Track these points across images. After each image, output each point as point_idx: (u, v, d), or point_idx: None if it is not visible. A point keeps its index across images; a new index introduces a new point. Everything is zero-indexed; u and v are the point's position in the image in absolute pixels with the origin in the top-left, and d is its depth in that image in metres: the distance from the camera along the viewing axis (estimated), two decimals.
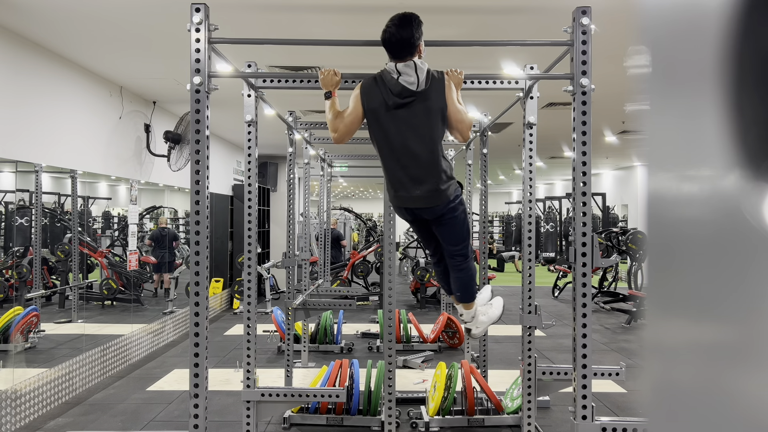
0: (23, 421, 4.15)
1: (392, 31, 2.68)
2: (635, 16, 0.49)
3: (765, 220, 0.36)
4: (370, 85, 2.74)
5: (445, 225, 2.84)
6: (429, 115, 2.68)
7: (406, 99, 2.66)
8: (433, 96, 2.67)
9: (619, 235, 9.46)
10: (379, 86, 2.70)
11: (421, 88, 2.65)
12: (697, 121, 0.43)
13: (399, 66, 2.67)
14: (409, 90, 2.64)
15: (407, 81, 2.65)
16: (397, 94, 2.65)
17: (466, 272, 2.99)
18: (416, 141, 2.68)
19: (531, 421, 3.18)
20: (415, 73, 2.66)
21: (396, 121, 2.68)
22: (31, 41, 4.45)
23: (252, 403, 3.17)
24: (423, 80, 2.66)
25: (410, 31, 2.69)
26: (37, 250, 4.79)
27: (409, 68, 2.66)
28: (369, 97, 2.71)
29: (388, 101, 2.66)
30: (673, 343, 0.46)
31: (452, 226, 2.85)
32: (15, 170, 4.53)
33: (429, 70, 2.71)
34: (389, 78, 2.68)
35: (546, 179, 21.18)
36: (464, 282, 3.01)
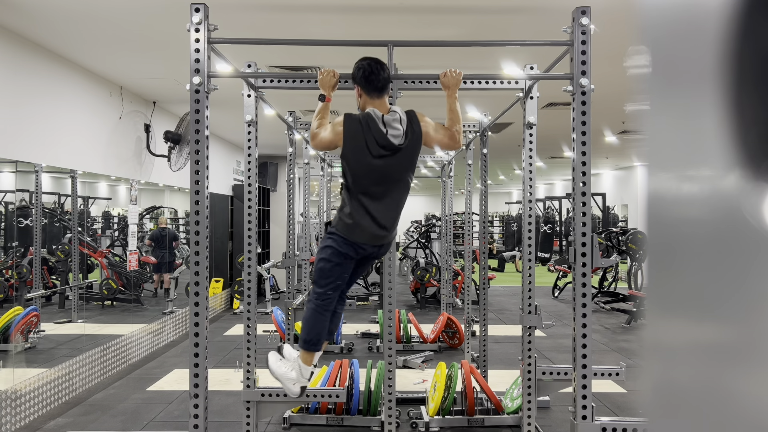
0: (23, 421, 4.15)
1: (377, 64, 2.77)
2: (635, 16, 0.49)
3: (765, 220, 0.36)
4: (355, 125, 2.74)
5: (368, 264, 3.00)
6: (407, 164, 2.79)
7: (389, 152, 2.74)
8: (413, 146, 2.78)
9: (619, 235, 9.47)
10: (364, 131, 2.72)
11: (404, 142, 2.74)
12: (697, 121, 0.43)
13: (386, 118, 2.73)
14: (393, 145, 2.72)
15: (394, 135, 2.73)
16: (382, 146, 2.72)
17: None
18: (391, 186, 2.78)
19: (531, 421, 3.18)
20: (400, 125, 2.74)
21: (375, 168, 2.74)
22: (31, 41, 4.45)
23: (252, 403, 3.17)
24: (406, 131, 2.75)
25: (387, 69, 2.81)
26: (37, 250, 4.79)
27: (396, 122, 2.74)
28: (352, 136, 2.73)
29: (372, 150, 2.72)
30: (673, 343, 0.46)
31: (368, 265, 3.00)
32: (15, 170, 4.53)
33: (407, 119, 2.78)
34: (376, 129, 2.71)
35: (546, 179, 21.18)
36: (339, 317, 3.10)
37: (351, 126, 2.72)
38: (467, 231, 5.89)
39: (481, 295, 4.68)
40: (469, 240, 5.83)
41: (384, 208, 2.76)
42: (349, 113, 2.79)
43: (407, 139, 2.73)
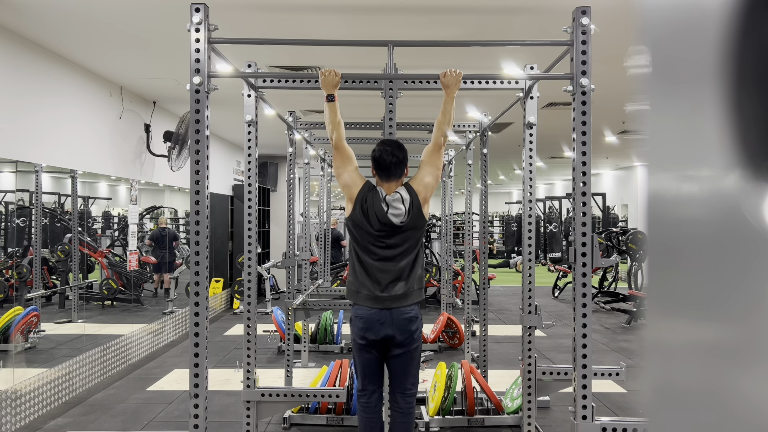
0: (23, 421, 4.15)
1: (389, 150, 2.83)
2: (635, 16, 0.49)
3: (765, 220, 0.36)
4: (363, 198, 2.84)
5: (405, 354, 2.83)
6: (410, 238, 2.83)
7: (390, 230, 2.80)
8: (415, 224, 2.83)
9: (619, 235, 9.47)
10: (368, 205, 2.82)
11: (405, 220, 2.80)
12: (697, 121, 0.43)
13: (388, 199, 2.81)
14: (394, 225, 2.79)
15: (394, 214, 2.80)
16: (383, 224, 2.79)
17: (413, 416, 2.93)
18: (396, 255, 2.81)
19: (531, 421, 3.18)
20: (402, 205, 2.81)
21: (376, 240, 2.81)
22: (31, 41, 4.45)
23: (252, 403, 3.17)
24: (407, 210, 2.81)
25: (403, 152, 2.86)
26: (37, 250, 4.79)
27: (398, 202, 2.81)
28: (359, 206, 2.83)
29: (373, 225, 2.80)
30: (673, 343, 0.46)
31: (411, 356, 2.86)
32: (15, 170, 4.53)
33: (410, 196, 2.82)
34: (378, 207, 2.80)
35: (546, 179, 21.18)
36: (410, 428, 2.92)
37: (362, 195, 2.84)
38: (467, 231, 5.89)
39: (481, 295, 4.68)
40: (469, 240, 5.83)
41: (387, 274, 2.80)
42: (368, 182, 2.91)
43: (409, 217, 2.80)
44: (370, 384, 2.90)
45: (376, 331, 2.77)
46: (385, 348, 2.83)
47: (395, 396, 2.90)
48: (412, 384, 2.91)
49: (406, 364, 2.86)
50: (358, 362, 2.90)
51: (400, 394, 2.89)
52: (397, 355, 2.83)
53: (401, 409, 2.89)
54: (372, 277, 2.80)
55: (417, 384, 2.95)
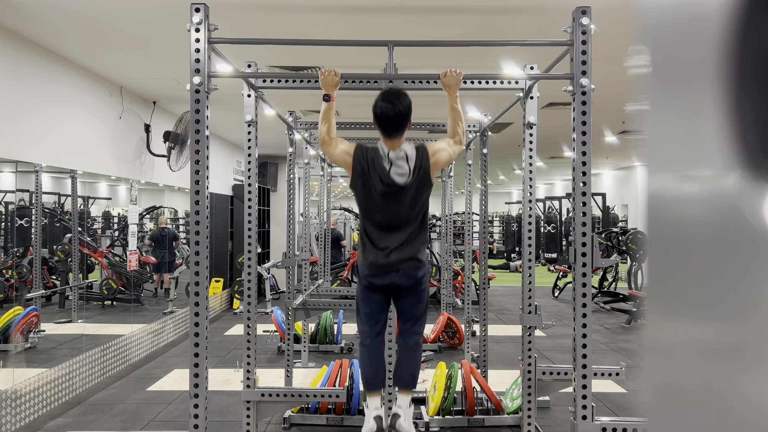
0: (23, 421, 4.15)
1: (388, 105, 2.70)
2: (635, 16, 0.49)
3: (765, 220, 0.36)
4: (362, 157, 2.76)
5: (412, 296, 2.84)
6: (413, 202, 2.77)
7: (394, 191, 2.73)
8: (421, 184, 2.75)
9: (619, 235, 9.47)
10: (368, 166, 2.74)
11: (409, 180, 2.72)
12: (697, 121, 0.43)
13: (391, 156, 2.71)
14: (398, 184, 2.71)
15: (398, 173, 2.71)
16: (386, 184, 2.71)
17: (419, 353, 2.95)
18: (400, 221, 2.76)
19: (531, 421, 3.18)
20: (406, 163, 2.71)
21: (382, 205, 2.75)
22: (31, 41, 4.45)
23: (252, 403, 3.17)
24: (412, 170, 2.72)
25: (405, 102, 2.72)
26: (37, 250, 4.79)
27: (401, 160, 2.71)
28: (359, 169, 2.76)
29: (376, 186, 2.72)
30: (673, 343, 0.46)
31: (419, 298, 2.86)
32: (15, 170, 4.53)
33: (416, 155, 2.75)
34: (380, 166, 2.71)
35: (546, 179, 21.18)
36: (416, 363, 2.93)
37: (358, 160, 2.75)
38: (467, 231, 5.89)
39: (481, 295, 4.68)
40: (469, 240, 5.84)
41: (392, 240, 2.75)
42: (360, 145, 2.81)
43: (413, 177, 2.71)
44: (375, 325, 2.88)
45: (382, 279, 2.77)
46: (391, 292, 2.84)
47: (402, 333, 2.92)
48: (420, 323, 2.91)
49: (413, 306, 2.86)
50: (362, 302, 2.88)
51: (407, 331, 2.90)
52: (404, 296, 2.84)
53: (408, 345, 2.91)
54: (377, 244, 2.75)
55: (424, 324, 2.95)
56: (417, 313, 2.87)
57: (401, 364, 2.91)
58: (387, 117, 2.69)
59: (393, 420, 2.78)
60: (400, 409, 2.79)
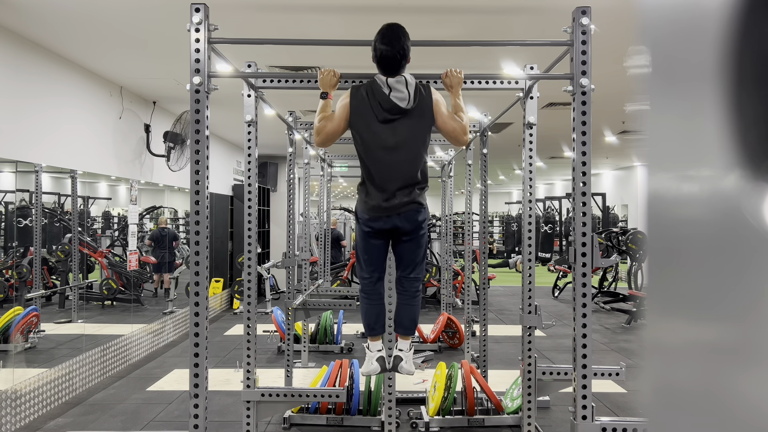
0: (23, 421, 4.15)
1: (387, 47, 2.69)
2: (635, 16, 0.49)
3: (765, 220, 0.36)
4: (359, 94, 2.74)
5: (412, 241, 2.83)
6: (416, 131, 2.73)
7: (396, 115, 2.70)
8: (421, 113, 2.73)
9: (619, 235, 9.47)
10: (368, 97, 2.71)
11: (410, 105, 2.69)
12: (697, 121, 0.43)
13: (390, 81, 2.69)
14: (399, 107, 2.68)
15: (398, 97, 2.68)
16: (387, 110, 2.69)
17: (419, 299, 2.96)
18: (401, 154, 2.72)
19: (531, 421, 3.18)
20: (406, 89, 2.69)
21: (383, 134, 2.71)
22: (31, 41, 4.45)
23: (252, 403, 3.17)
24: (413, 96, 2.70)
25: (404, 42, 2.72)
26: (37, 250, 4.79)
27: (401, 84, 2.69)
28: (357, 106, 2.73)
29: (378, 115, 2.69)
30: (673, 343, 0.46)
31: (418, 244, 2.86)
32: (15, 170, 4.53)
33: (417, 84, 2.74)
34: (380, 92, 2.70)
35: (546, 179, 21.18)
36: (416, 309, 2.94)
37: (357, 95, 2.73)
38: (467, 231, 5.89)
39: (481, 295, 4.68)
40: (469, 240, 5.84)
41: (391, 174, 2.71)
42: (354, 85, 2.80)
43: (415, 102, 2.69)
44: (375, 271, 2.89)
45: (383, 222, 2.76)
46: (391, 235, 2.84)
47: (401, 280, 2.92)
48: (419, 269, 2.91)
49: (413, 251, 2.86)
50: (362, 250, 2.88)
51: (406, 278, 2.90)
52: (404, 241, 2.83)
53: (407, 291, 2.91)
54: (378, 186, 2.72)
55: (423, 270, 2.96)
56: (416, 259, 2.88)
57: (401, 311, 2.94)
58: (386, 58, 2.69)
59: (395, 362, 2.86)
60: (401, 353, 2.87)
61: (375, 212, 2.75)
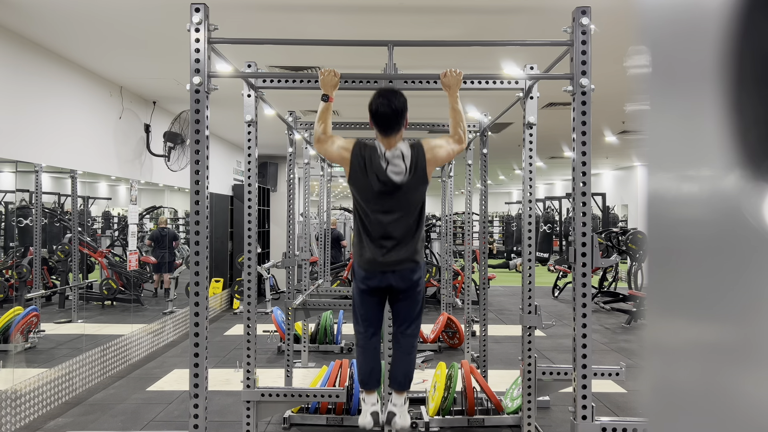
0: (23, 421, 4.15)
1: (385, 101, 2.72)
2: (635, 16, 0.49)
3: (765, 220, 0.36)
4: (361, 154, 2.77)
5: (408, 299, 2.85)
6: (412, 198, 2.79)
7: (391, 189, 2.75)
8: (417, 182, 2.78)
9: (619, 235, 9.46)
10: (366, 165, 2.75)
11: (407, 178, 2.74)
12: (697, 121, 0.43)
13: (388, 155, 2.73)
14: (395, 183, 2.73)
15: (395, 172, 2.73)
16: (383, 182, 2.73)
17: (414, 354, 2.97)
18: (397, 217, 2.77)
19: (531, 421, 3.18)
20: (402, 162, 2.73)
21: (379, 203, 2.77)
22: (31, 41, 4.45)
23: (252, 403, 3.17)
24: (409, 168, 2.74)
25: (401, 100, 2.75)
26: (37, 250, 4.79)
27: (398, 158, 2.73)
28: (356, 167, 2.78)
29: (373, 185, 2.74)
30: (673, 343, 0.46)
31: (414, 301, 2.87)
32: (15, 170, 4.53)
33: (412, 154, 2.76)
34: (377, 164, 2.73)
35: (546, 179, 21.18)
36: (411, 365, 2.95)
37: (357, 156, 2.77)
38: (467, 231, 5.89)
39: (481, 295, 4.68)
40: (469, 240, 5.84)
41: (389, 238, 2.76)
42: (359, 141, 2.83)
43: (410, 176, 2.74)
44: (370, 327, 2.91)
45: (379, 281, 2.79)
46: (387, 293, 2.86)
47: (397, 336, 2.93)
48: (414, 326, 2.93)
49: (409, 308, 2.88)
50: (359, 306, 2.90)
51: (402, 333, 2.92)
52: (400, 299, 2.86)
53: (403, 347, 2.92)
54: (375, 242, 2.76)
55: (419, 326, 2.98)
56: (412, 316, 2.89)
57: (396, 367, 2.93)
58: (383, 114, 2.71)
59: (389, 417, 2.85)
60: (395, 407, 2.86)
61: (371, 266, 2.78)
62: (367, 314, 2.88)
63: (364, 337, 2.91)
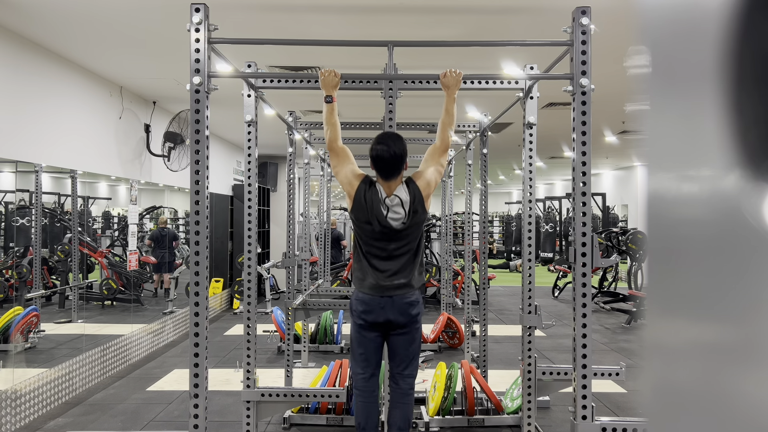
0: (23, 421, 4.15)
1: (385, 148, 2.78)
2: (635, 16, 0.49)
3: (765, 220, 0.36)
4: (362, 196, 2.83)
5: (406, 335, 2.88)
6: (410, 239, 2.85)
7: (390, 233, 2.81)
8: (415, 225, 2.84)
9: (619, 235, 9.46)
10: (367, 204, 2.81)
11: (406, 223, 2.80)
12: (697, 121, 0.43)
13: (388, 202, 2.80)
14: (394, 228, 2.79)
15: (394, 218, 2.79)
16: (383, 227, 2.80)
17: (413, 397, 2.97)
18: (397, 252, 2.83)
19: (531, 421, 3.18)
20: (402, 208, 2.79)
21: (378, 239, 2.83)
22: (31, 41, 4.45)
23: (252, 403, 3.17)
24: (408, 212, 2.80)
25: (400, 144, 2.81)
26: (37, 250, 4.79)
27: (398, 207, 2.79)
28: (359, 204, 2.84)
29: (374, 225, 2.81)
30: (673, 343, 0.46)
31: (413, 338, 2.89)
32: (15, 170, 4.53)
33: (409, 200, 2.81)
34: (378, 209, 2.79)
35: (546, 179, 21.18)
36: (410, 408, 2.96)
37: (361, 194, 2.83)
38: (467, 231, 5.89)
39: (481, 295, 4.68)
40: (469, 240, 5.84)
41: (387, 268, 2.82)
42: (366, 178, 2.89)
43: (409, 219, 2.80)
44: (368, 367, 2.92)
45: (376, 315, 2.81)
46: (385, 329, 2.87)
47: (395, 378, 2.93)
48: (413, 366, 2.94)
49: (407, 345, 2.89)
50: (357, 343, 2.91)
51: (400, 374, 2.92)
52: (398, 335, 2.87)
53: (401, 389, 2.93)
54: (375, 268, 2.84)
55: (417, 367, 2.99)
56: (410, 355, 2.91)
57: (395, 411, 2.93)
58: (383, 159, 2.78)
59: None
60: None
61: (372, 291, 2.82)
62: (366, 353, 2.90)
63: (362, 379, 2.93)
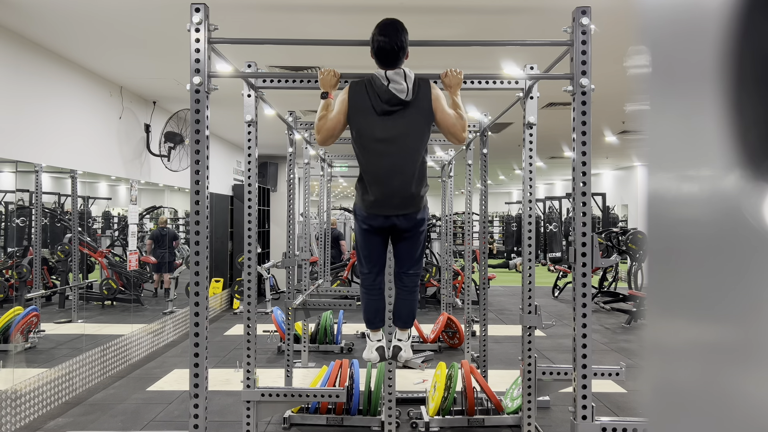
0: (23, 421, 4.15)
1: (386, 39, 2.70)
2: (635, 16, 0.49)
3: (765, 220, 0.36)
4: (359, 88, 2.75)
5: (410, 239, 2.87)
6: (414, 125, 2.72)
7: (395, 107, 2.69)
8: (421, 105, 2.72)
9: (619, 235, 9.47)
10: (368, 91, 2.72)
11: (409, 97, 2.69)
12: (697, 121, 0.43)
13: (389, 73, 2.69)
14: (398, 98, 2.68)
15: (397, 89, 2.68)
16: (386, 101, 2.68)
17: (417, 294, 3.02)
18: (401, 149, 2.72)
19: (531, 421, 3.18)
20: (404, 81, 2.69)
21: (381, 126, 2.71)
22: (31, 41, 4.45)
23: (252, 403, 3.17)
24: (411, 88, 2.70)
25: (402, 36, 2.73)
26: (37, 250, 4.79)
27: (399, 76, 2.69)
28: (356, 100, 2.74)
29: (376, 107, 2.70)
30: (673, 343, 0.46)
31: (417, 241, 2.89)
32: (15, 170, 4.53)
33: (416, 78, 2.74)
34: (379, 84, 2.70)
35: (546, 179, 21.18)
36: (414, 303, 3.01)
37: (355, 89, 2.74)
38: (467, 231, 5.89)
39: (481, 295, 4.68)
40: (469, 240, 5.83)
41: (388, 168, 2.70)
42: (352, 81, 2.81)
43: (413, 95, 2.69)
44: (374, 266, 2.94)
45: (382, 221, 2.79)
46: (390, 232, 2.86)
47: (400, 276, 2.97)
48: (417, 266, 2.97)
49: (411, 248, 2.90)
50: (362, 246, 2.91)
51: (405, 273, 2.95)
52: (403, 238, 2.87)
53: (406, 286, 2.97)
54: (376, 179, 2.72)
55: (421, 265, 3.03)
56: (414, 256, 2.93)
57: (400, 305, 3.00)
58: (384, 50, 2.70)
59: (395, 351, 2.97)
60: (400, 342, 2.98)
61: (373, 208, 2.76)
62: (371, 254, 2.91)
63: (369, 277, 2.96)
